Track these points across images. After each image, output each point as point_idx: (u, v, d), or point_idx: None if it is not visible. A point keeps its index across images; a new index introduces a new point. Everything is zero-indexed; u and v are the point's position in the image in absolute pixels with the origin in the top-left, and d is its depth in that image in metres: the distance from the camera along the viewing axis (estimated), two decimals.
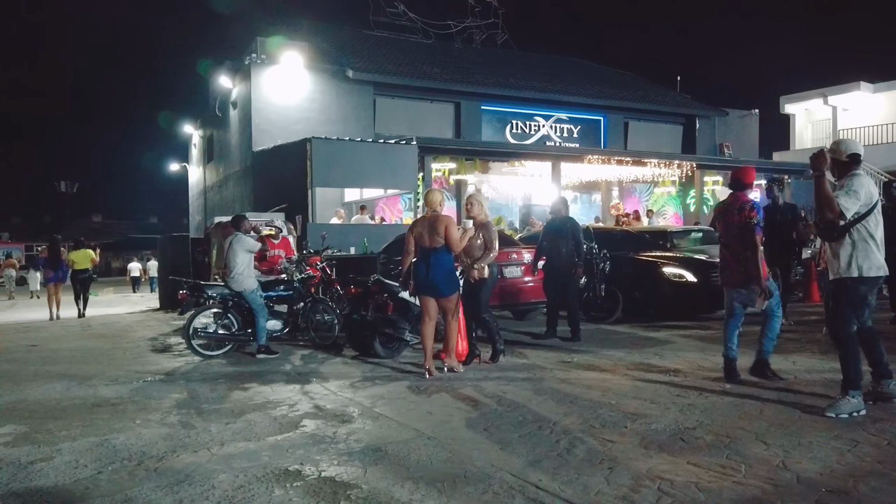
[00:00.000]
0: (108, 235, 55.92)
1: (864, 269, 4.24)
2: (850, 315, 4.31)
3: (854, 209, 4.17)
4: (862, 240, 4.23)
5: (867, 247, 4.26)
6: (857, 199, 4.17)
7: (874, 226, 4.27)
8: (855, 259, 4.25)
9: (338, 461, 3.72)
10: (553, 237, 8.25)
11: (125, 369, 7.04)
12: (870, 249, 4.27)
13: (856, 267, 4.23)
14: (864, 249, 4.25)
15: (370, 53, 21.60)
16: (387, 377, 6.13)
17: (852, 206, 4.16)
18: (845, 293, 4.31)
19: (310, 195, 14.09)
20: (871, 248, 4.27)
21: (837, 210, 4.12)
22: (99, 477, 3.59)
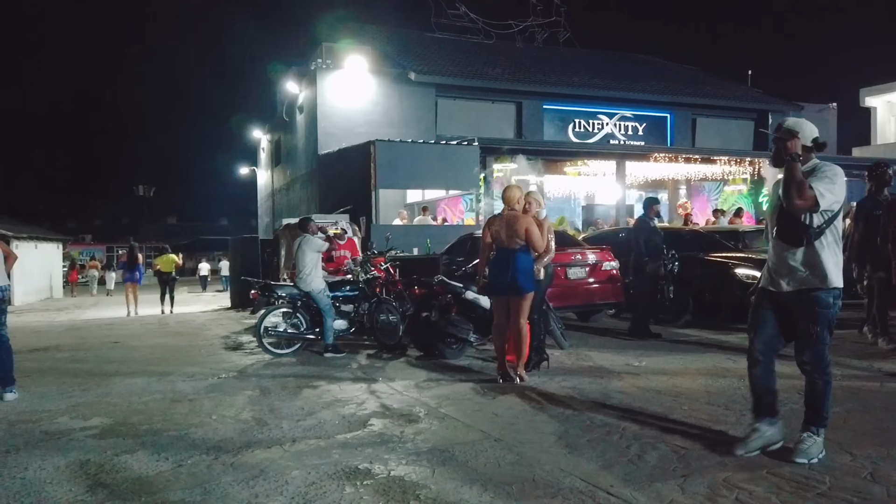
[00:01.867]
0: (182, 237, 58.30)
1: (839, 279, 3.56)
2: (828, 339, 3.57)
3: (832, 200, 3.44)
4: (835, 243, 3.56)
5: (838, 252, 3.59)
6: (834, 191, 3.44)
7: (839, 229, 3.61)
8: (836, 267, 3.54)
9: (406, 461, 3.75)
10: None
11: (201, 366, 7.32)
12: (840, 257, 3.61)
13: (835, 277, 3.53)
14: (836, 255, 3.57)
15: (432, 56, 21.74)
16: (451, 378, 6.14)
17: (829, 195, 3.41)
18: (825, 310, 3.52)
19: (373, 197, 14.31)
20: (839, 256, 3.60)
21: (811, 197, 3.37)
22: (179, 470, 3.74)
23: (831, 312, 3.54)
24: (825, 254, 3.50)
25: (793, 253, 3.55)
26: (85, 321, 14.46)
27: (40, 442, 4.38)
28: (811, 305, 3.53)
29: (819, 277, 3.50)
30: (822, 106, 25.04)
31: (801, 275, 3.54)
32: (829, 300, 3.52)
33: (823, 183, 3.41)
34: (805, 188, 3.36)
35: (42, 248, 26.87)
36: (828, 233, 3.51)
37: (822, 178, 3.44)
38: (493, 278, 5.90)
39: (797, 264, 3.55)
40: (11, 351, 5.79)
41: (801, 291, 3.54)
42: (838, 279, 3.53)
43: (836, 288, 3.52)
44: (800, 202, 3.37)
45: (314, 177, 19.41)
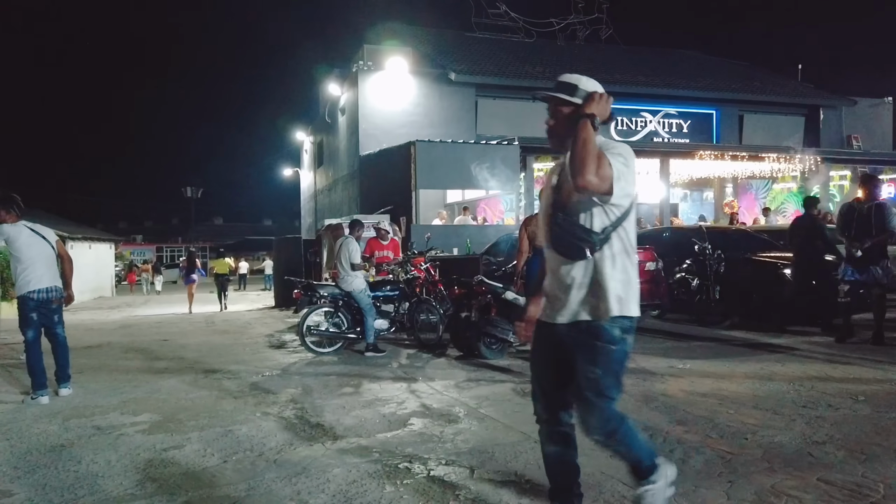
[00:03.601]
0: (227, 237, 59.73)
1: (633, 305, 2.54)
2: (615, 390, 2.57)
3: (626, 191, 2.44)
4: (625, 254, 2.54)
5: (630, 266, 2.56)
6: (628, 178, 2.45)
7: (633, 233, 2.58)
8: (627, 287, 2.53)
9: (446, 461, 3.76)
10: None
11: (245, 364, 7.47)
12: (632, 273, 2.56)
13: (625, 302, 2.51)
14: (627, 270, 2.54)
15: (472, 55, 21.73)
16: (491, 378, 6.13)
17: (624, 182, 2.41)
18: (608, 346, 2.50)
19: (413, 197, 14.38)
20: (631, 272, 2.56)
21: (608, 177, 2.36)
22: (224, 465, 3.82)
23: (618, 350, 2.51)
24: (610, 269, 2.49)
25: (569, 268, 2.53)
26: (136, 319, 14.92)
27: (92, 436, 4.53)
28: (589, 339, 2.51)
29: (600, 302, 2.49)
30: (878, 100, 24.12)
31: (577, 299, 2.52)
32: (615, 333, 2.49)
33: (617, 162, 2.41)
34: (604, 163, 2.34)
35: (95, 248, 27.85)
36: (615, 239, 2.50)
37: (615, 155, 2.43)
38: (531, 278, 5.87)
39: (573, 284, 2.53)
40: (68, 348, 6.01)
41: (578, 323, 2.53)
42: (630, 305, 2.52)
43: (627, 317, 2.52)
44: (594, 180, 2.31)
45: (356, 177, 19.61)
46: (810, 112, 23.05)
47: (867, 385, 5.30)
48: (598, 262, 2.50)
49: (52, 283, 5.77)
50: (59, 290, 5.84)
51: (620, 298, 2.50)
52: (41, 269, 5.70)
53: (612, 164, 2.38)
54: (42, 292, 5.69)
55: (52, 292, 5.77)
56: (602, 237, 2.48)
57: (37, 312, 5.69)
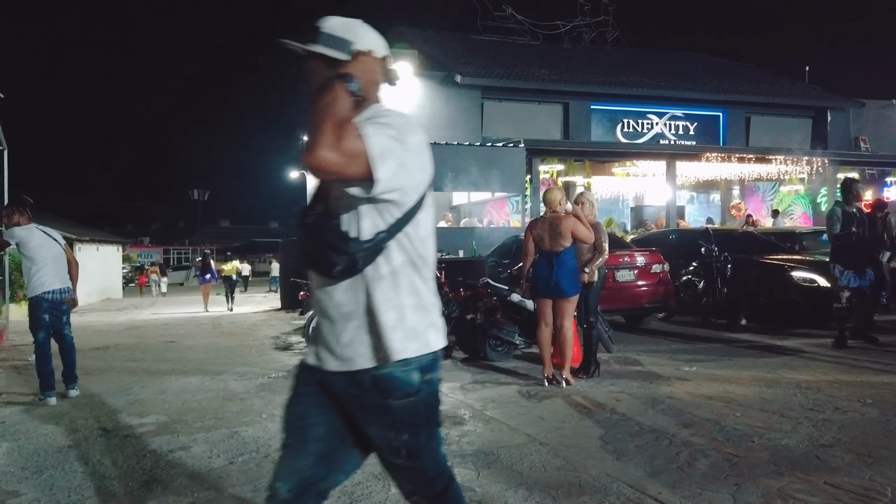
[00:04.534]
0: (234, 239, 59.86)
1: (433, 335, 1.81)
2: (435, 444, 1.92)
3: (403, 179, 1.69)
4: (413, 268, 1.78)
5: (418, 283, 1.79)
6: (407, 161, 1.69)
7: (427, 242, 1.82)
8: (419, 313, 1.78)
9: (450, 462, 3.70)
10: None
11: (252, 366, 7.49)
12: (424, 294, 1.81)
13: (420, 335, 1.78)
14: (419, 292, 1.79)
15: (478, 58, 21.73)
16: (496, 380, 6.13)
17: (396, 165, 1.65)
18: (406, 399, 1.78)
19: None
20: (425, 293, 1.81)
21: (358, 154, 1.60)
22: (230, 467, 3.84)
23: (419, 400, 1.78)
24: (389, 292, 1.74)
25: (331, 292, 1.77)
26: (143, 321, 14.98)
27: (99, 437, 4.55)
28: (376, 397, 1.77)
29: (380, 340, 1.73)
30: (886, 102, 23.97)
31: (348, 337, 1.76)
32: (412, 380, 1.76)
33: (383, 136, 1.63)
34: (349, 134, 1.58)
35: (103, 250, 28.01)
36: (394, 251, 1.74)
37: (380, 126, 1.66)
38: (537, 281, 5.87)
39: (339, 316, 1.77)
40: (75, 350, 6.04)
41: (356, 374, 1.76)
42: (427, 336, 1.79)
43: (427, 355, 1.78)
44: (330, 156, 1.55)
45: None
46: (818, 114, 22.94)
47: (875, 388, 5.28)
48: (370, 283, 1.73)
49: (64, 283, 5.83)
50: (69, 290, 5.88)
51: (412, 331, 1.75)
52: (53, 270, 5.76)
53: (370, 138, 1.60)
54: (56, 293, 5.74)
55: (65, 293, 5.83)
56: (368, 247, 1.70)
57: (49, 314, 5.74)
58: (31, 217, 5.80)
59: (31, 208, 5.81)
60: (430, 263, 1.84)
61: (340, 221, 1.73)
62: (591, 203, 6.43)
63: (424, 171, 1.78)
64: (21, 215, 5.75)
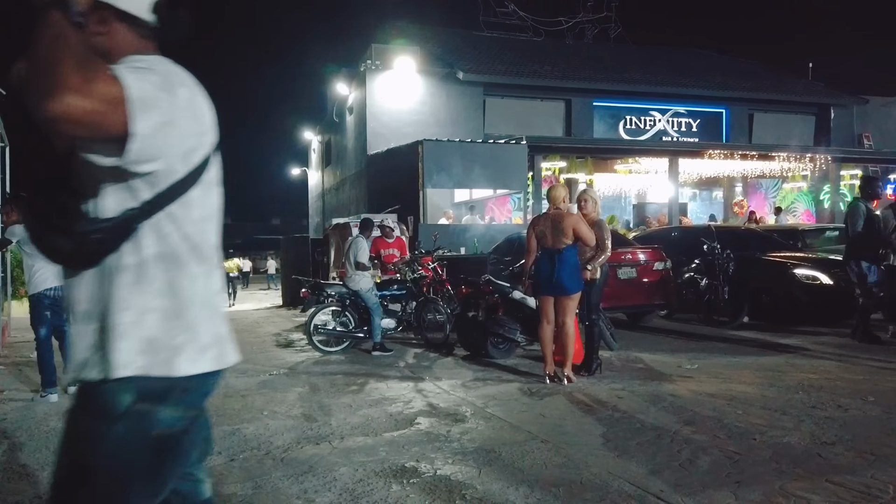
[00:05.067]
0: (236, 236, 59.88)
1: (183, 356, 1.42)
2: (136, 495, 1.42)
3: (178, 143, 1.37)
4: (172, 261, 1.42)
5: (179, 281, 1.43)
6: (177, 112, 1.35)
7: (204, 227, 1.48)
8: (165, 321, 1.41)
9: (452, 460, 3.76)
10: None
11: (253, 363, 7.49)
12: (187, 296, 1.44)
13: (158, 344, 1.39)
14: (172, 289, 1.42)
15: (480, 54, 21.70)
16: (498, 378, 6.12)
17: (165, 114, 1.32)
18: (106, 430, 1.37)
19: (421, 196, 14.38)
20: (189, 294, 1.44)
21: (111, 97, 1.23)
22: (232, 464, 3.84)
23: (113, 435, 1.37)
24: (130, 288, 1.39)
25: (72, 287, 1.48)
26: None
27: None
28: (75, 407, 1.45)
29: (106, 346, 1.39)
30: (889, 99, 23.89)
31: (86, 342, 1.43)
32: (118, 402, 1.38)
33: (144, 82, 1.30)
34: (102, 73, 1.24)
35: None
36: (148, 236, 1.40)
37: (139, 71, 1.32)
38: (539, 278, 5.86)
39: (78, 314, 1.47)
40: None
41: (83, 385, 1.44)
42: (173, 356, 1.41)
43: (160, 380, 1.40)
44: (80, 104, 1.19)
45: (363, 177, 19.64)
46: (821, 111, 22.88)
47: (877, 386, 5.26)
48: (112, 275, 1.39)
49: (53, 282, 5.81)
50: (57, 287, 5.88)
51: (149, 343, 1.38)
52: (54, 267, 5.73)
53: (127, 79, 1.26)
54: (57, 290, 5.73)
55: (57, 290, 5.82)
56: (106, 227, 1.36)
57: (50, 311, 5.74)
58: None
59: None
60: (207, 257, 1.46)
61: (72, 195, 1.37)
62: (594, 200, 6.42)
63: (200, 136, 1.40)
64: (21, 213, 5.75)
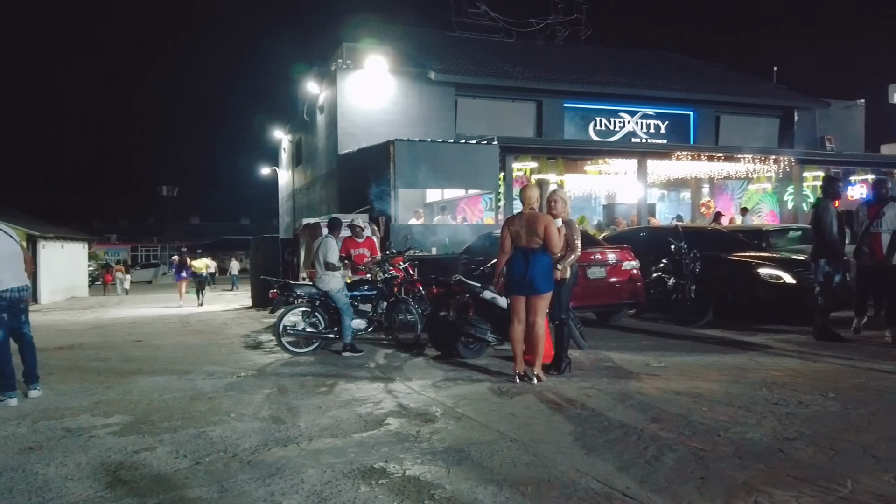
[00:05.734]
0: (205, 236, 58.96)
1: None
2: None
3: None
4: None
5: None
6: None
7: None
8: None
9: (421, 460, 3.74)
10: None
11: (221, 365, 7.39)
12: None
13: None
14: None
15: (452, 55, 21.72)
16: (468, 378, 6.13)
17: None
18: None
19: (392, 196, 14.33)
20: None
21: None
22: (197, 468, 3.77)
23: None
24: None
25: None
26: (109, 319, 14.68)
27: (62, 439, 4.45)
28: None
29: None
30: (850, 102, 24.55)
31: None
32: None
33: None
34: None
35: (68, 247, 27.40)
36: None
37: None
38: (511, 277, 5.88)
39: None
40: (35, 349, 5.89)
41: None
42: None
43: None
44: None
45: (334, 176, 19.50)
46: (785, 114, 23.40)
47: (837, 382, 5.40)
48: None
49: (21, 282, 5.66)
50: (27, 289, 5.73)
51: None
52: (12, 268, 5.59)
53: None
54: (14, 291, 5.58)
55: (22, 291, 5.67)
56: None
57: (7, 313, 5.58)
58: None
59: None
60: None
61: None
62: (564, 201, 6.45)
63: None
64: None
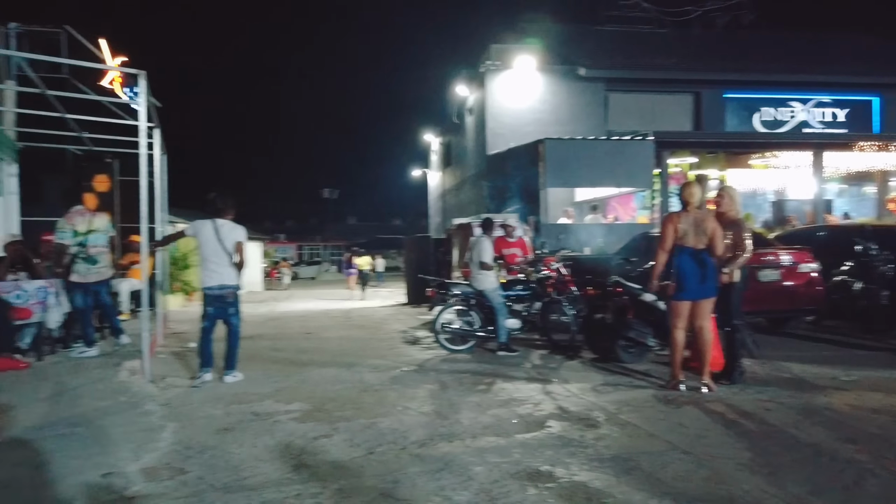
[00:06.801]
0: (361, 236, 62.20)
1: None
2: None
3: None
4: None
5: None
6: None
7: None
8: None
9: (588, 466, 3.67)
10: None
11: (383, 358, 7.74)
12: None
13: None
14: None
15: (601, 49, 21.14)
16: (629, 383, 5.93)
17: None
18: None
19: (542, 195, 14.24)
20: None
21: None
22: (370, 457, 3.98)
23: None
24: None
25: None
26: (281, 313, 15.94)
27: (251, 422, 4.88)
28: None
29: None
30: None
31: None
32: None
33: None
34: None
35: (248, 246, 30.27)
36: None
37: None
38: (682, 279, 5.57)
39: None
40: (238, 338, 6.49)
41: None
42: None
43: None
44: None
45: (483, 177, 19.73)
46: None
47: None
48: None
49: (224, 280, 6.30)
50: (230, 286, 6.36)
51: None
52: (219, 267, 6.28)
53: None
54: (216, 289, 6.26)
55: (223, 289, 6.31)
56: None
57: (213, 305, 6.28)
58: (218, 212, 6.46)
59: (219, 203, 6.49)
60: None
61: None
62: (732, 198, 6.03)
63: None
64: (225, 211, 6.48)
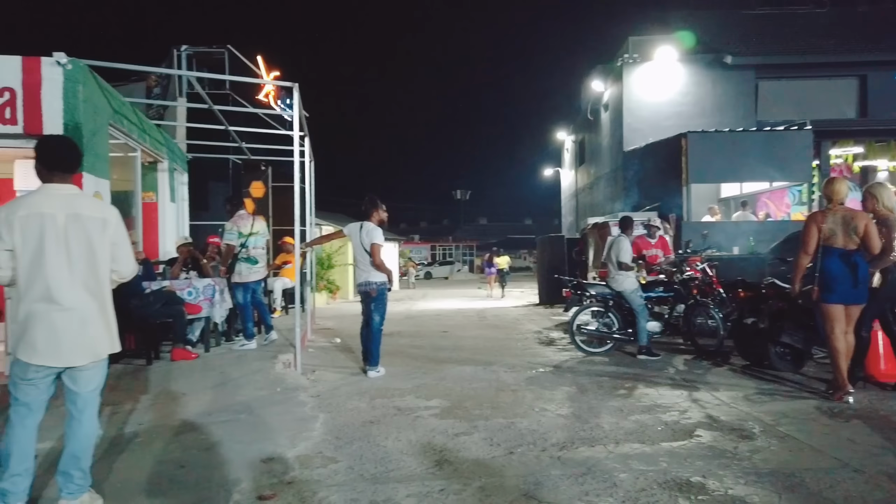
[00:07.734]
0: (491, 236, 62.70)
1: None
2: None
3: None
4: None
5: None
6: None
7: None
8: None
9: (744, 480, 3.44)
10: None
11: (518, 358, 7.74)
12: None
13: None
14: None
15: (750, 34, 19.73)
16: (787, 393, 5.49)
17: None
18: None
19: (684, 192, 13.55)
20: None
21: None
22: (511, 457, 3.99)
23: None
24: None
25: None
26: (418, 311, 16.41)
27: (394, 416, 5.07)
28: None
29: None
30: None
31: None
32: None
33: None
34: None
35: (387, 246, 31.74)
36: None
37: None
38: (833, 282, 5.12)
39: None
40: (378, 335, 6.81)
41: None
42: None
43: None
44: None
45: (619, 174, 19.13)
46: None
47: None
48: None
49: (361, 279, 6.69)
50: (368, 283, 6.69)
51: None
52: (361, 267, 6.70)
53: None
54: (361, 286, 6.68)
55: (366, 286, 6.70)
56: None
57: (362, 303, 6.75)
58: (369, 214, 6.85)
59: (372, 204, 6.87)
60: None
61: None
62: (876, 196, 5.39)
63: None
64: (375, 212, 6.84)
